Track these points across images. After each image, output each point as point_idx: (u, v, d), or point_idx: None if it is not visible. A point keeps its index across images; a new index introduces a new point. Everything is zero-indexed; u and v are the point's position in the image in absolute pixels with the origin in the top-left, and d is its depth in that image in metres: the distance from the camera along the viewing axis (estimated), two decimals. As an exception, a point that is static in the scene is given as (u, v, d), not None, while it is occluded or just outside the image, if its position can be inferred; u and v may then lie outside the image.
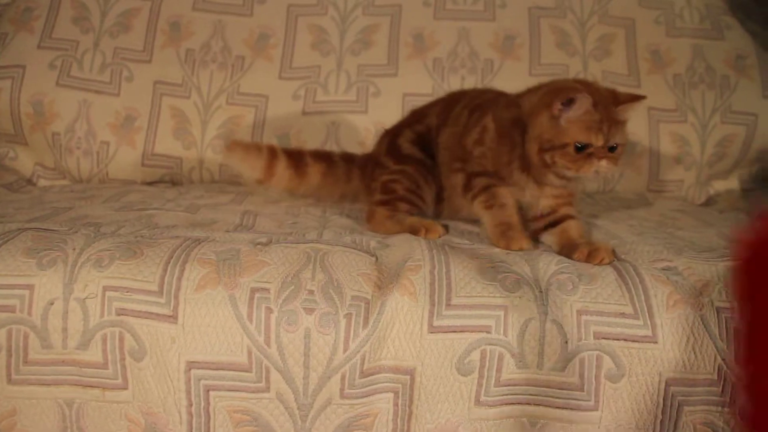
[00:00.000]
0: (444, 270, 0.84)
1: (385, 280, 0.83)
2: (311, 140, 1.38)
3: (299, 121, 1.39)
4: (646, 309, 0.81)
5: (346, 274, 0.84)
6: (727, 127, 1.41)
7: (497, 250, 0.92)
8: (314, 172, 1.20)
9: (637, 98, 0.97)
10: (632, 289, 0.83)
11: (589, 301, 0.82)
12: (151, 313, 0.82)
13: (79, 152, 1.41)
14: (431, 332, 0.80)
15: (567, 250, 0.93)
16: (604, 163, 0.93)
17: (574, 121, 0.93)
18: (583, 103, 0.92)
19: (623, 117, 0.96)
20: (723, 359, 0.81)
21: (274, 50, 1.44)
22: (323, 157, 1.23)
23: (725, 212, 1.32)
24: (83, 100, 1.41)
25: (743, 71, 1.44)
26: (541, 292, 0.82)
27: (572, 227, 0.99)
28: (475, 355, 0.80)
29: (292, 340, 0.80)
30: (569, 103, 0.93)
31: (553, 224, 1.01)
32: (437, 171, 1.11)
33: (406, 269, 0.84)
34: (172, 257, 0.85)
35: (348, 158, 1.24)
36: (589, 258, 0.89)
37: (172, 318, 0.81)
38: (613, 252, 0.92)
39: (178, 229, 0.98)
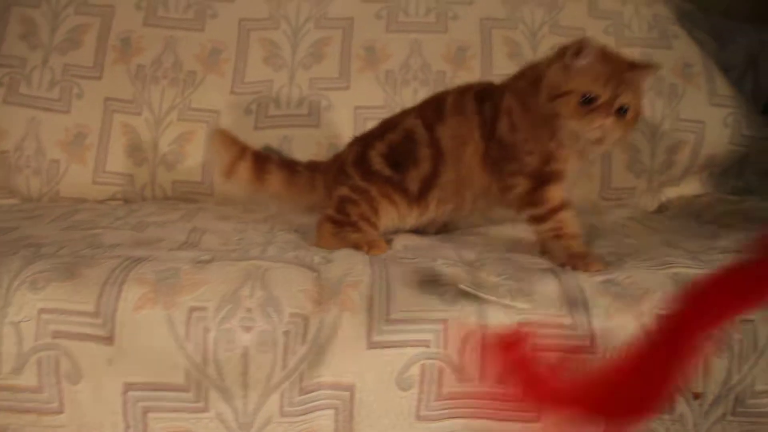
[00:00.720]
0: (384, 284, 0.84)
1: (325, 296, 0.83)
2: (264, 155, 1.38)
3: (251, 136, 1.38)
4: (585, 319, 0.82)
5: (286, 290, 0.83)
6: (677, 134, 1.43)
7: (439, 262, 0.92)
8: (274, 179, 1.18)
9: (649, 66, 0.99)
10: (572, 299, 0.83)
11: (529, 313, 0.82)
12: (88, 335, 0.80)
13: (29, 171, 1.39)
14: (370, 348, 0.79)
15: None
16: (609, 120, 0.93)
17: (582, 70, 0.94)
18: (590, 52, 0.94)
19: (636, 82, 0.96)
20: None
21: (226, 65, 1.43)
22: (287, 165, 1.21)
23: (675, 219, 1.34)
24: (32, 117, 1.39)
25: (690, 79, 1.46)
26: (480, 304, 0.82)
27: (568, 225, 1.00)
28: (415, 370, 0.80)
29: (231, 359, 0.79)
30: (578, 51, 0.94)
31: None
32: (405, 184, 1.08)
33: (346, 285, 0.83)
34: (109, 278, 0.84)
35: (312, 167, 1.21)
36: (578, 268, 0.92)
37: (109, 339, 0.80)
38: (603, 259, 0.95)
39: (121, 248, 0.96)
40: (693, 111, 1.44)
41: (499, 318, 0.81)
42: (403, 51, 1.45)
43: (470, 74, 1.44)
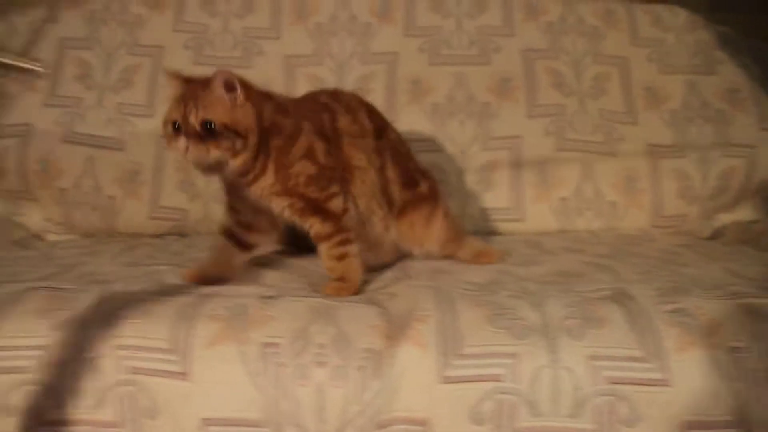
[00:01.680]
0: (451, 319, 0.84)
1: (394, 331, 0.84)
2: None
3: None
4: (657, 352, 0.81)
5: (355, 326, 0.84)
6: (728, 160, 1.43)
7: (503, 294, 0.92)
8: None
9: (214, 75, 0.96)
10: (642, 332, 0.83)
11: (599, 346, 0.82)
12: (164, 371, 0.82)
13: (87, 207, 1.42)
14: (443, 383, 0.80)
15: None
16: (181, 140, 0.93)
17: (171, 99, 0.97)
18: (170, 83, 0.98)
19: (209, 94, 0.94)
20: (739, 399, 0.80)
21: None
22: None
23: (731, 246, 1.33)
24: (89, 156, 1.43)
25: (738, 104, 1.46)
26: (550, 338, 0.82)
27: None
28: (488, 405, 0.80)
29: (306, 394, 0.80)
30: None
31: None
32: None
33: (414, 319, 0.84)
34: (182, 314, 0.86)
35: None
36: None
37: (185, 375, 0.82)
38: None
39: (187, 285, 0.98)
40: (743, 136, 1.44)
41: (568, 351, 0.81)
42: (447, 83, 1.47)
43: (516, 105, 1.46)
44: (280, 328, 0.84)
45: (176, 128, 0.94)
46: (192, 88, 0.96)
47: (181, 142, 0.93)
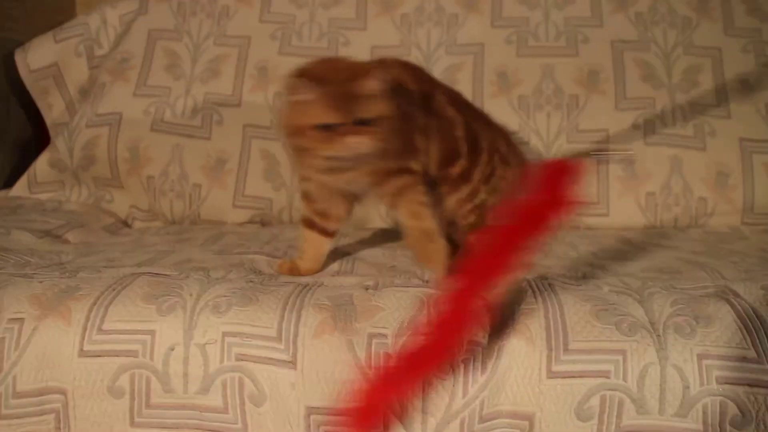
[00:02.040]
0: (558, 314, 0.84)
1: (499, 324, 0.84)
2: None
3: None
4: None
5: (460, 318, 0.84)
6: (824, 155, 1.38)
7: (606, 289, 0.91)
8: None
9: (367, 72, 0.95)
10: (753, 332, 0.81)
11: (709, 345, 0.80)
12: (271, 359, 0.83)
13: (173, 194, 1.46)
14: (550, 377, 0.80)
15: None
16: (352, 138, 0.91)
17: (309, 103, 0.92)
18: (305, 87, 0.93)
19: (365, 90, 0.93)
20: None
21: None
22: None
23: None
24: (176, 144, 1.47)
25: (843, 97, 1.41)
26: (658, 335, 0.81)
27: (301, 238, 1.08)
28: (595, 401, 0.79)
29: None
30: (292, 89, 0.94)
31: None
32: None
33: (520, 313, 0.84)
34: (287, 303, 0.87)
35: None
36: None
37: (292, 364, 0.83)
38: None
39: (285, 275, 1.00)
40: None
41: (677, 348, 0.80)
42: (534, 75, 1.45)
43: (604, 98, 1.43)
44: (387, 318, 0.85)
45: (326, 129, 0.93)
46: (339, 90, 0.93)
47: (354, 139, 0.92)
